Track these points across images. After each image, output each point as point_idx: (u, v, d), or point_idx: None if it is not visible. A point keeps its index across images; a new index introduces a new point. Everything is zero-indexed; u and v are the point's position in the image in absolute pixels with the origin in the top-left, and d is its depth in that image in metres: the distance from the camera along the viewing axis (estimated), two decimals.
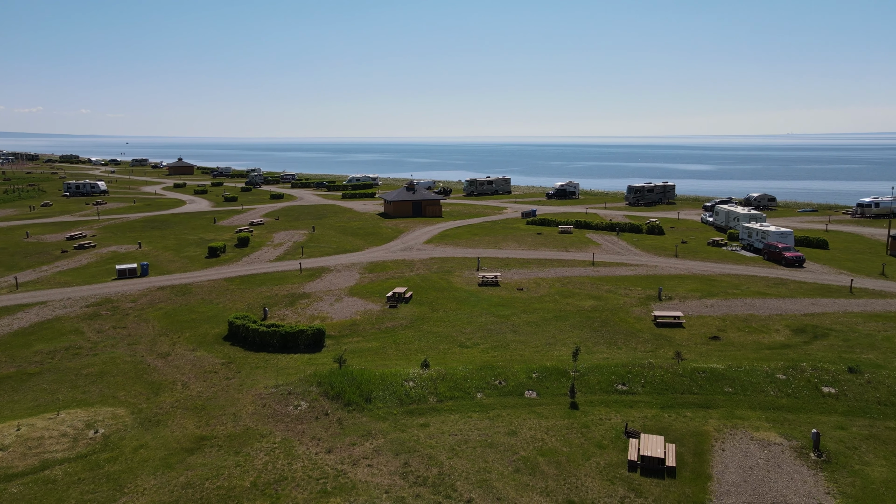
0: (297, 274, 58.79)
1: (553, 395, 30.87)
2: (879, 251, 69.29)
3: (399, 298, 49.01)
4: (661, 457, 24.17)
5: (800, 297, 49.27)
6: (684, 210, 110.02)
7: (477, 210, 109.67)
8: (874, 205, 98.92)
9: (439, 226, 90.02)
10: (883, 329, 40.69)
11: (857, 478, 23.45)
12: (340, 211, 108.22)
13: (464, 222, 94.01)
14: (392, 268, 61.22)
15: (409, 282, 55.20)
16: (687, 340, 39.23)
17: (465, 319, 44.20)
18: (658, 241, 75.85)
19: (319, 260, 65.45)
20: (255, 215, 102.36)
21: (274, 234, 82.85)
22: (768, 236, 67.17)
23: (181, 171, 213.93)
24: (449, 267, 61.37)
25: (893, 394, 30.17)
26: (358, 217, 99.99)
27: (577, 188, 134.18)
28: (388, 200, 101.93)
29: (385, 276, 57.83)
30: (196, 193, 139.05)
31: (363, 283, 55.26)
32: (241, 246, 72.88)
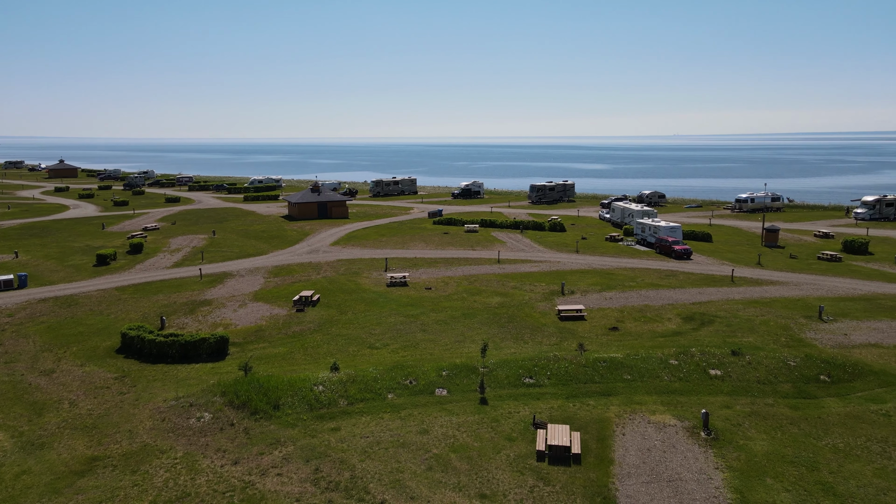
0: (197, 280, 56.19)
1: (463, 391, 31.31)
2: (755, 242, 75.36)
3: (306, 302, 48.00)
4: (567, 445, 25.12)
5: (688, 287, 52.71)
6: (584, 207, 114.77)
7: (384, 211, 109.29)
8: (750, 200, 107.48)
9: (346, 227, 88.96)
10: (760, 314, 44.29)
11: (742, 452, 25.40)
12: (242, 214, 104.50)
13: (371, 223, 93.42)
14: (298, 271, 59.84)
15: (316, 285, 54.18)
16: (589, 332, 40.96)
17: (375, 320, 43.95)
18: (560, 238, 78.69)
19: (221, 265, 62.90)
20: (149, 220, 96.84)
21: (171, 239, 78.73)
22: (659, 231, 71.37)
23: (63, 174, 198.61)
24: (357, 268, 60.78)
25: (771, 373, 32.93)
26: (261, 220, 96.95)
27: (481, 188, 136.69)
28: (293, 202, 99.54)
29: (291, 279, 56.44)
30: (81, 198, 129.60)
31: (268, 287, 53.66)
32: (134, 252, 68.71)
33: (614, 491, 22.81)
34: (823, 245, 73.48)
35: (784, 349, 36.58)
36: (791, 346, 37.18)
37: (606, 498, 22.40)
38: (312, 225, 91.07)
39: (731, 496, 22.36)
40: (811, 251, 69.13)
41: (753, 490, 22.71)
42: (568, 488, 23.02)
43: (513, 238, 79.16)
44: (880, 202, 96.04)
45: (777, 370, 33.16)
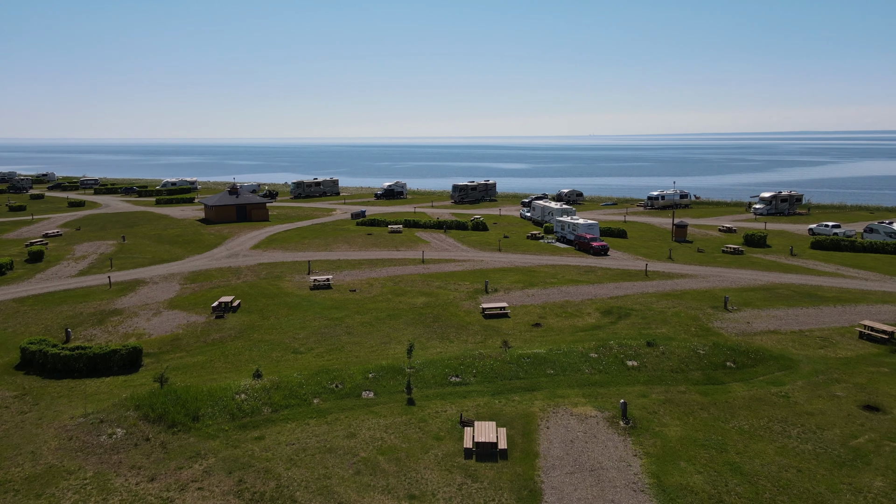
0: (106, 289, 53.20)
1: (390, 393, 31.22)
2: (666, 238, 79.19)
3: (226, 308, 46.42)
4: (494, 441, 25.53)
5: (606, 282, 54.73)
6: (505, 206, 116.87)
7: (305, 212, 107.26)
8: (661, 197, 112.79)
9: (267, 230, 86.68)
10: (672, 306, 46.60)
11: (658, 438, 26.65)
12: (155, 218, 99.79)
13: (292, 225, 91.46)
14: (217, 276, 57.79)
15: (236, 290, 52.50)
16: (513, 329, 41.78)
17: (298, 325, 43.08)
18: (483, 237, 79.82)
19: (133, 272, 59.83)
20: (50, 226, 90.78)
21: (75, 245, 74.14)
22: (578, 228, 73.71)
23: None
24: (279, 272, 59.36)
25: (682, 361, 34.71)
26: (176, 224, 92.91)
27: (404, 188, 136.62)
28: (210, 205, 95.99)
29: (209, 285, 54.44)
30: None
31: (185, 294, 51.51)
32: (33, 261, 64.23)
33: (540, 483, 23.39)
34: (727, 239, 78.12)
35: (694, 339, 38.66)
36: (700, 336, 39.34)
37: (533, 491, 22.94)
38: (231, 228, 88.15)
39: (649, 481, 23.42)
40: (716, 245, 73.33)
41: (669, 474, 23.87)
42: (495, 484, 23.41)
43: (436, 238, 79.60)
44: (776, 198, 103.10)
45: (688, 359, 34.99)
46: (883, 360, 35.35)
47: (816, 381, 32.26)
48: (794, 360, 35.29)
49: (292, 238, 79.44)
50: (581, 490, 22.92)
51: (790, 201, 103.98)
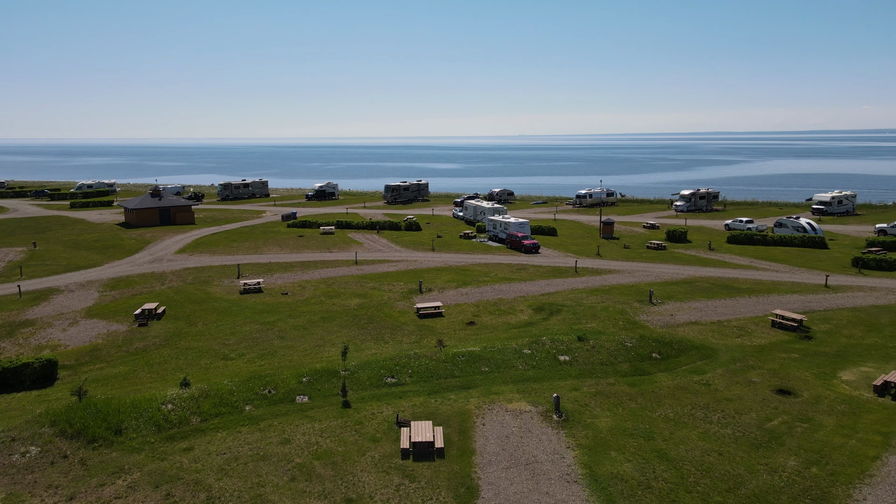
0: (15, 299, 49.97)
1: (325, 396, 30.77)
2: (594, 235, 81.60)
3: (150, 315, 44.52)
4: (431, 440, 25.60)
5: (538, 279, 55.86)
6: (438, 206, 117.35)
7: (234, 215, 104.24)
8: (589, 196, 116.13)
9: (193, 233, 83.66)
10: (601, 301, 48.07)
11: (589, 430, 27.43)
12: (70, 222, 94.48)
13: (220, 228, 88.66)
14: (139, 282, 55.32)
15: (160, 296, 50.43)
16: (447, 328, 42.00)
17: (228, 330, 41.82)
18: (416, 237, 79.86)
19: (45, 280, 56.44)
20: None
21: None
22: (509, 227, 74.91)
23: None
24: (206, 276, 57.41)
25: (611, 354, 35.87)
26: (93, 228, 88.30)
27: (336, 189, 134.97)
28: (130, 209, 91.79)
29: (131, 292, 52.05)
30: None
31: (104, 302, 49.04)
32: None
33: (477, 480, 23.63)
34: (651, 235, 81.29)
35: (622, 332, 40.01)
36: (628, 329, 40.76)
37: (470, 487, 23.16)
38: (154, 232, 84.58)
39: (581, 471, 24.08)
40: (641, 241, 76.16)
41: (600, 464, 24.63)
42: (433, 483, 23.48)
43: (370, 239, 79.06)
44: (695, 195, 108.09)
45: (617, 351, 36.19)
46: (793, 346, 37.68)
47: (734, 369, 34.04)
48: (713, 349, 37.11)
49: (220, 241, 77.02)
50: (517, 484, 23.31)
51: (708, 198, 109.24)
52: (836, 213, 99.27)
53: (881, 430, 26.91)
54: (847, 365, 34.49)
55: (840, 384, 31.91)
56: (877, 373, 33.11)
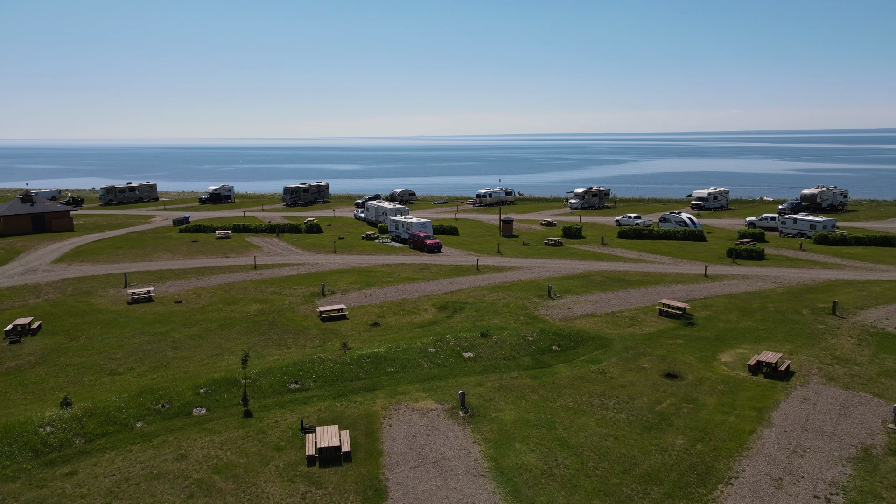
0: None
1: (225, 407, 29.53)
2: (495, 233, 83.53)
3: (23, 331, 40.84)
4: (338, 445, 25.21)
5: (441, 278, 56.41)
6: (339, 208, 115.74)
7: (119, 220, 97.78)
8: (488, 195, 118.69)
9: (72, 241, 77.62)
10: (502, 298, 49.28)
11: (494, 424, 28.05)
12: None
13: (103, 235, 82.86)
14: (10, 296, 50.62)
15: (35, 310, 46.40)
16: (351, 330, 41.52)
17: (115, 343, 39.15)
18: (317, 240, 78.35)
19: None
20: None
21: None
22: (412, 227, 75.16)
23: None
24: (88, 287, 53.44)
25: (513, 349, 36.85)
26: None
27: (232, 191, 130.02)
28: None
29: (0, 307, 47.53)
30: None
31: None
32: None
33: (385, 481, 23.53)
34: (548, 232, 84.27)
35: (523, 326, 41.21)
36: (529, 324, 42.03)
37: (378, 489, 23.01)
38: (26, 241, 77.71)
39: (488, 465, 24.57)
40: (539, 238, 78.79)
41: (505, 456, 25.23)
42: (340, 487, 23.14)
43: (269, 242, 76.69)
44: (588, 193, 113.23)
45: (519, 346, 37.23)
46: (679, 332, 40.34)
47: (627, 357, 35.97)
48: (608, 339, 39.03)
49: (104, 249, 71.95)
50: (425, 482, 23.43)
51: (600, 196, 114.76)
52: (712, 207, 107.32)
53: (756, 406, 29.37)
54: (725, 348, 37.36)
55: (720, 366, 34.51)
56: (750, 353, 36.09)
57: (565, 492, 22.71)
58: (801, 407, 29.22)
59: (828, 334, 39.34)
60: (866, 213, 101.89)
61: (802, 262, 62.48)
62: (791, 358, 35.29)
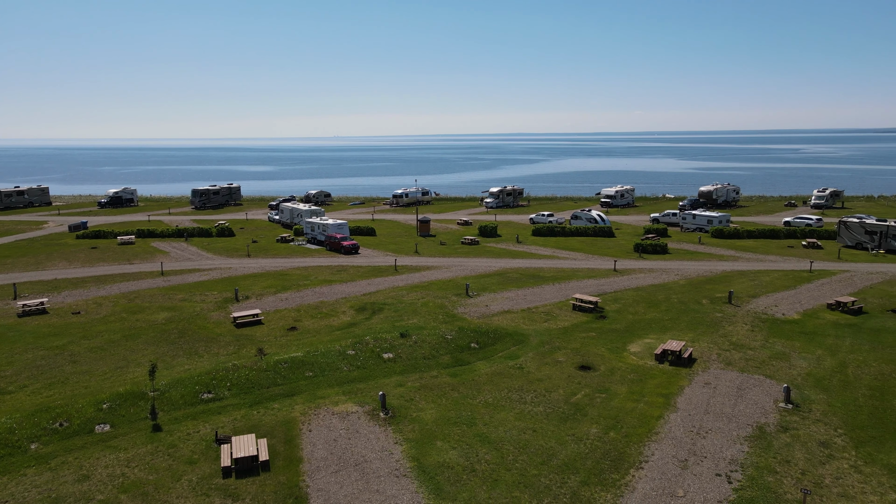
0: None
1: (131, 422, 27.98)
2: (412, 233, 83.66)
3: None
4: (255, 454, 24.45)
5: (358, 279, 55.89)
6: (252, 210, 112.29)
7: (6, 227, 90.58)
8: (405, 195, 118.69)
9: None
10: (421, 297, 49.43)
11: (416, 423, 28.10)
12: None
13: None
14: None
15: None
16: (268, 335, 40.40)
17: (4, 360, 36.22)
18: (229, 243, 75.69)
19: None
20: None
21: None
22: (328, 229, 74.02)
23: None
24: None
25: (433, 348, 37.05)
26: None
27: (135, 194, 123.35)
28: None
29: None
30: None
31: None
32: None
33: (305, 488, 23.05)
34: (465, 231, 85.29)
35: (442, 325, 41.52)
36: (447, 322, 42.39)
37: (298, 497, 22.51)
38: None
39: (410, 465, 24.59)
40: (456, 237, 79.62)
41: (427, 455, 25.34)
42: (258, 498, 22.46)
43: (177, 247, 73.31)
44: (503, 192, 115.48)
45: (438, 345, 37.47)
46: (591, 325, 41.91)
47: (543, 351, 36.99)
48: (525, 334, 39.99)
49: None
50: (347, 486, 23.15)
51: (514, 195, 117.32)
52: (620, 205, 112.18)
53: (662, 393, 30.97)
54: (634, 338, 39.16)
55: (629, 356, 36.14)
56: (657, 343, 38.02)
57: (486, 486, 23.08)
58: (702, 391, 31.07)
59: (725, 322, 42.05)
60: (756, 207, 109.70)
61: (702, 254, 66.48)
62: (693, 345, 37.47)
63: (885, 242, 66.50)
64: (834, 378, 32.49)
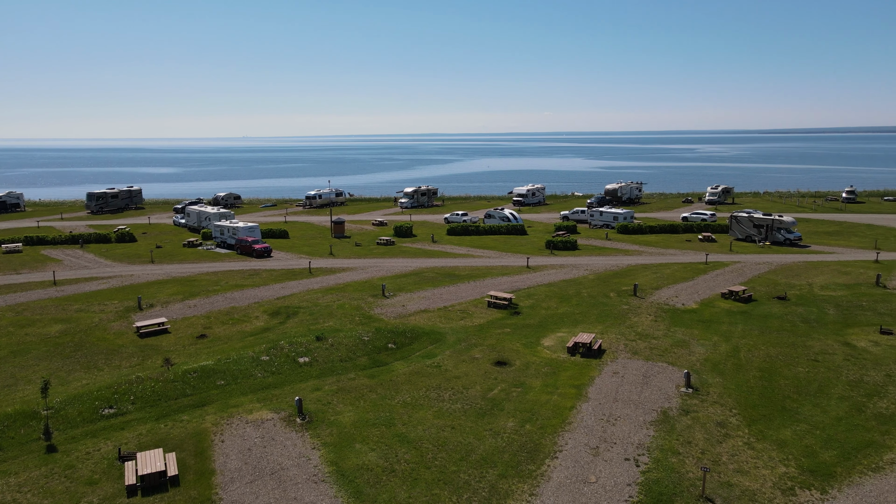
0: None
1: (22, 443, 25.95)
2: (326, 235, 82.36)
3: None
4: (163, 469, 23.30)
5: (272, 283, 54.41)
6: (155, 214, 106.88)
7: None
8: (318, 196, 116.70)
9: None
10: (337, 299, 48.78)
11: (334, 427, 27.70)
12: None
13: None
14: None
15: None
16: (175, 345, 38.59)
17: None
18: (131, 249, 71.70)
19: None
20: None
21: None
22: (238, 232, 71.59)
23: None
24: None
25: (350, 350, 36.66)
26: None
27: (21, 199, 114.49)
28: None
29: None
30: None
31: None
32: None
33: (218, 501, 22.20)
34: (380, 232, 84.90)
35: (359, 327, 41.15)
36: (364, 324, 42.06)
37: None
38: None
39: (328, 469, 24.22)
40: (371, 238, 79.10)
41: (346, 458, 25.05)
42: None
43: (71, 255, 68.63)
44: (417, 192, 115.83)
45: (355, 347, 37.12)
46: (506, 322, 42.82)
47: (460, 348, 37.43)
48: (442, 333, 40.31)
49: None
50: (263, 496, 22.50)
51: (429, 195, 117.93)
52: (532, 203, 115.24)
53: (574, 384, 32.11)
54: (547, 333, 40.37)
55: (543, 350, 37.22)
56: (568, 336, 39.37)
57: (406, 486, 23.10)
58: (611, 380, 32.47)
59: (631, 314, 44.13)
60: (657, 204, 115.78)
61: (609, 250, 69.43)
62: (602, 337, 39.08)
63: (771, 235, 71.98)
64: (728, 362, 34.84)
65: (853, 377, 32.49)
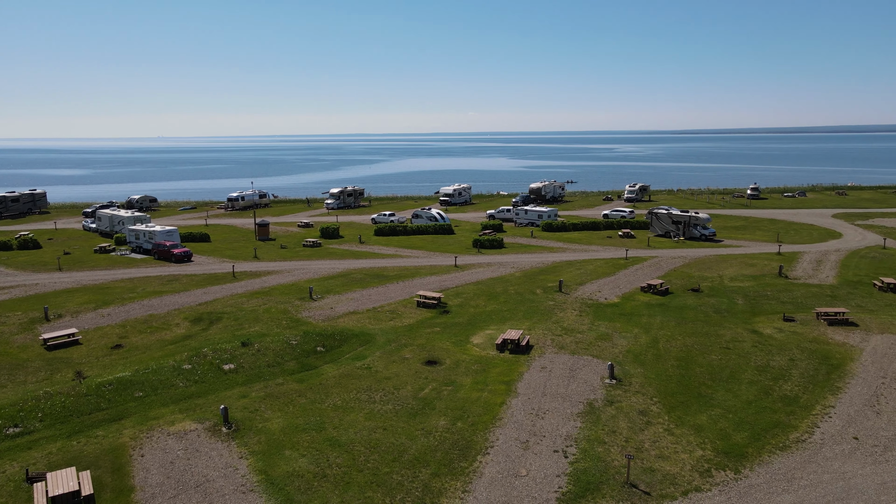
0: None
1: None
2: (250, 237, 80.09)
3: None
4: (77, 489, 21.97)
5: (193, 288, 52.37)
6: (62, 219, 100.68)
7: None
8: (241, 198, 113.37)
9: None
10: (263, 303, 47.51)
11: (262, 434, 26.97)
12: None
13: None
14: None
15: None
16: (87, 356, 36.48)
17: None
18: (35, 256, 67.22)
19: None
20: None
21: None
22: (155, 236, 68.49)
23: None
24: None
25: (278, 355, 35.80)
26: None
27: None
28: None
29: None
30: None
31: None
32: None
33: None
34: (306, 234, 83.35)
35: (286, 331, 40.24)
36: (291, 328, 41.17)
37: None
38: None
39: (257, 478, 23.56)
40: (297, 240, 77.53)
41: (276, 466, 24.45)
42: None
43: None
44: (343, 193, 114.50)
45: (283, 351, 36.28)
46: (436, 321, 42.99)
47: (390, 349, 37.28)
48: (371, 334, 40.02)
49: None
50: None
51: (355, 195, 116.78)
52: (458, 203, 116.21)
53: (504, 380, 32.63)
54: (476, 330, 40.82)
55: (472, 347, 37.62)
56: (497, 333, 39.96)
57: (339, 490, 22.80)
58: (539, 375, 33.22)
59: (557, 309, 45.30)
60: (579, 202, 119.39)
61: (534, 247, 70.98)
62: (530, 333, 39.90)
63: (687, 231, 75.65)
64: (648, 353, 36.37)
65: (760, 362, 34.64)
